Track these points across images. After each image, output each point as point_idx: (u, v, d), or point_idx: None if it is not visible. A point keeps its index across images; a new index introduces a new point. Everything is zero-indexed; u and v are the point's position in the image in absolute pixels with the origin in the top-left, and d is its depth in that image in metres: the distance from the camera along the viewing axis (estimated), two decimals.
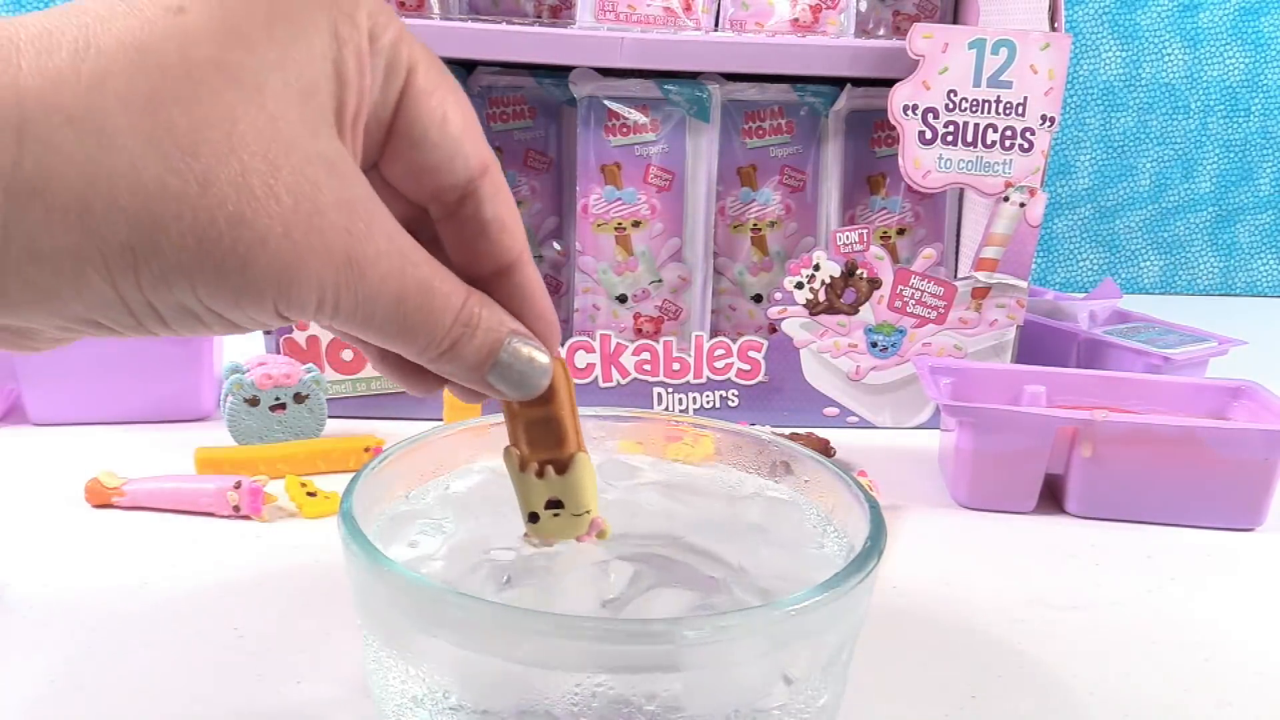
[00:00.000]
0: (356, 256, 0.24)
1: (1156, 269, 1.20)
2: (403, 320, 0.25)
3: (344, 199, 0.23)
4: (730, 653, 0.27)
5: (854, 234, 0.67)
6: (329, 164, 0.23)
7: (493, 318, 0.27)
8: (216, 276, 0.22)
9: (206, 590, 0.44)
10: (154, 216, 0.21)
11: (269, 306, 0.23)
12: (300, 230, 0.22)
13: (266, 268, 0.22)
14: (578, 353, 0.67)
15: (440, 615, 0.27)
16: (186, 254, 0.21)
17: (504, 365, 0.28)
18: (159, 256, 0.21)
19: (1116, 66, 1.14)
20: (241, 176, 0.22)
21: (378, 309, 0.25)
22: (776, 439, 0.39)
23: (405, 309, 0.25)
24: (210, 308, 0.23)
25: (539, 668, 0.27)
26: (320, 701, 0.36)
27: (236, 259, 0.22)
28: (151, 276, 0.22)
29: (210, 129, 0.21)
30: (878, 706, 0.38)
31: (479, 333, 0.27)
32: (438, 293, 0.26)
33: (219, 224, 0.21)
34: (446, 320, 0.26)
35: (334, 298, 0.24)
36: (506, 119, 0.78)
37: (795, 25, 0.74)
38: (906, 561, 0.50)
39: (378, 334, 0.25)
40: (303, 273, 0.23)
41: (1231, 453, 0.53)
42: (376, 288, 0.24)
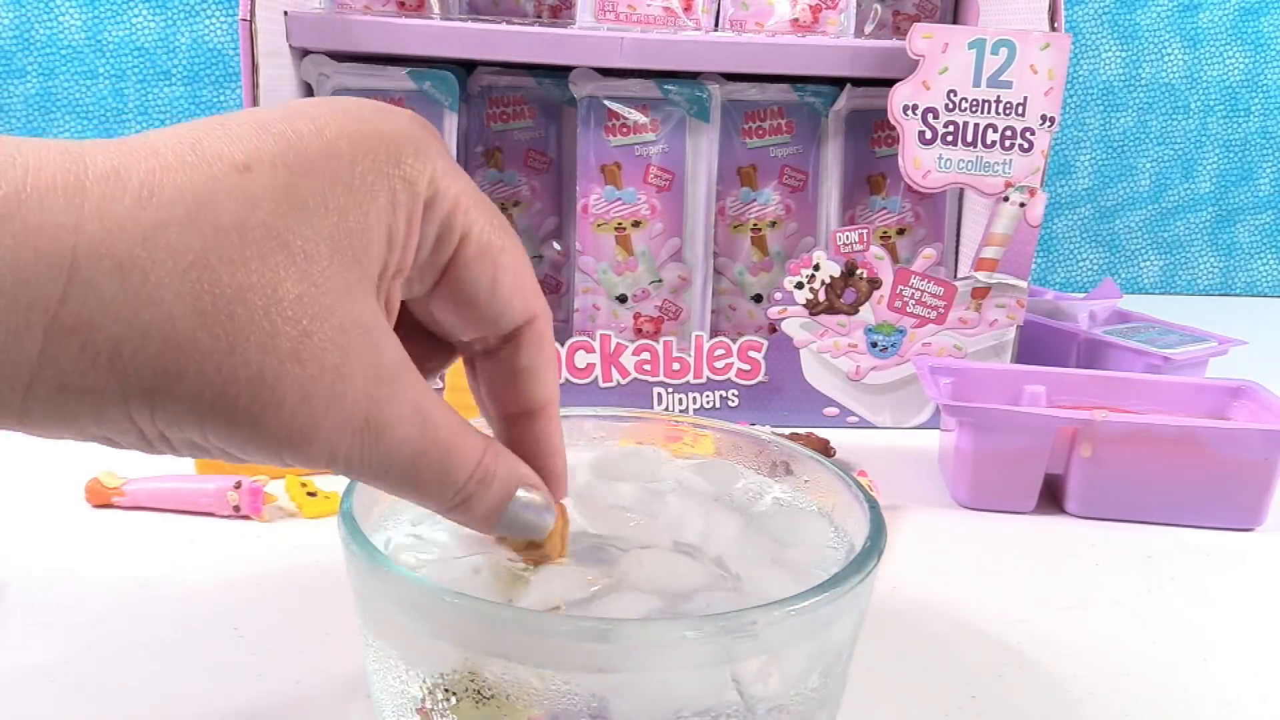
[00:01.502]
0: (375, 421, 0.24)
1: (1156, 269, 1.20)
2: (417, 479, 0.25)
3: (371, 364, 0.24)
4: (730, 653, 0.27)
5: (854, 234, 0.67)
6: (363, 329, 0.24)
7: (505, 471, 0.28)
8: (229, 428, 0.22)
9: (206, 590, 0.44)
10: (179, 368, 0.21)
11: (280, 457, 0.23)
12: (320, 396, 0.23)
13: (278, 428, 0.23)
14: (578, 353, 0.67)
15: (439, 615, 0.27)
16: (202, 405, 0.22)
17: (511, 516, 0.28)
18: (176, 402, 0.22)
19: (1116, 66, 1.14)
20: (270, 339, 0.22)
21: (393, 468, 0.25)
22: (776, 439, 0.39)
23: (420, 469, 0.25)
24: (220, 448, 0.23)
25: (539, 667, 0.27)
26: (320, 701, 0.36)
27: (250, 417, 0.22)
28: (166, 417, 0.22)
29: (251, 293, 0.22)
30: (878, 706, 0.38)
31: (492, 489, 0.27)
32: (456, 454, 0.26)
33: (238, 382, 0.22)
34: (461, 479, 0.26)
35: (346, 457, 0.24)
36: (506, 119, 0.78)
37: (795, 25, 0.74)
38: (906, 561, 0.50)
39: (390, 488, 0.26)
40: (316, 435, 0.23)
41: (1231, 453, 0.53)
42: (392, 450, 0.25)
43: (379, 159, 0.24)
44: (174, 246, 0.21)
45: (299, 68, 0.69)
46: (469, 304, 0.27)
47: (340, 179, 0.23)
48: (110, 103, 1.00)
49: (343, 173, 0.23)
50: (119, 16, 0.99)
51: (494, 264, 0.27)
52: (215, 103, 1.02)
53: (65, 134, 0.99)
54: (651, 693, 0.27)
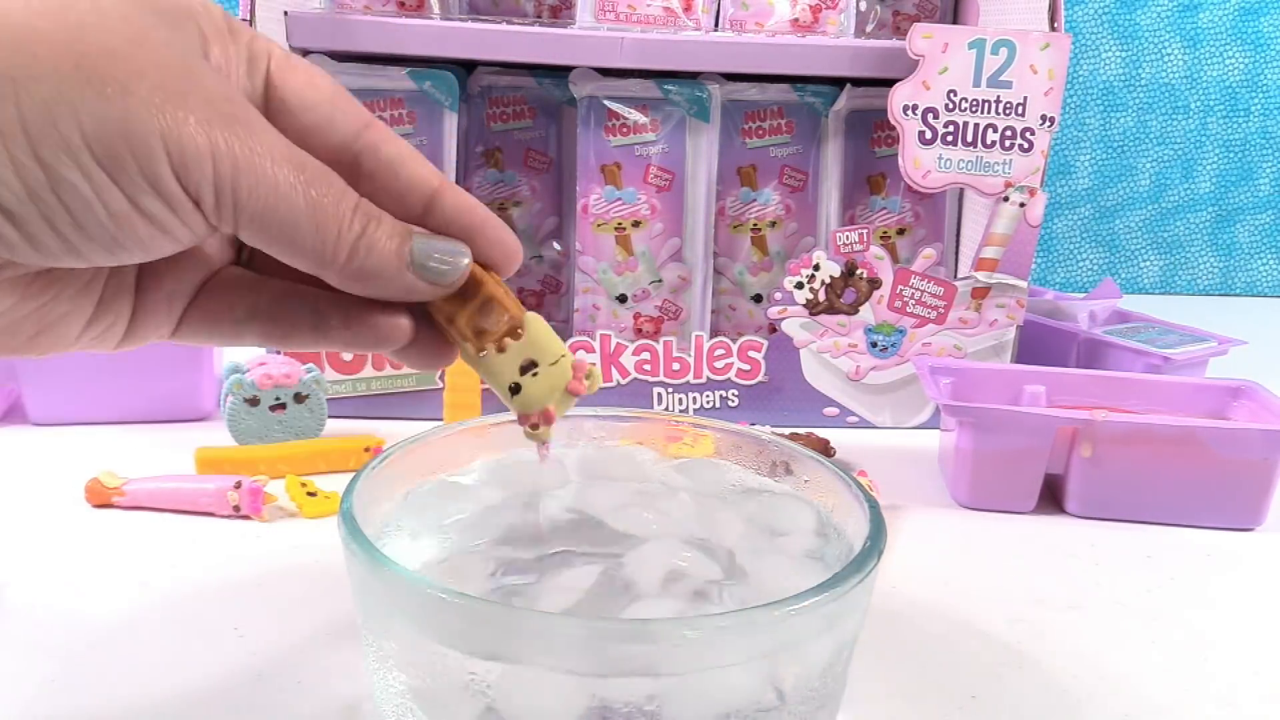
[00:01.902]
0: (243, 118, 0.24)
1: (1156, 269, 1.20)
2: (306, 197, 0.25)
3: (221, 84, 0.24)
4: (729, 653, 0.27)
5: (854, 234, 0.67)
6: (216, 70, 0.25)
7: (394, 221, 0.27)
8: (99, 101, 0.22)
9: (206, 590, 0.44)
10: (28, 48, 0.21)
11: (159, 152, 0.22)
12: (177, 78, 0.23)
13: (148, 94, 0.22)
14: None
15: (440, 615, 0.27)
16: (65, 79, 0.21)
17: (421, 254, 0.27)
18: (38, 82, 0.21)
19: (1116, 66, 1.14)
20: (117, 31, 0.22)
21: (278, 180, 0.24)
22: (776, 439, 0.39)
23: (305, 179, 0.25)
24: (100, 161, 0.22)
25: (539, 668, 0.27)
26: (320, 701, 0.36)
27: (116, 83, 0.22)
28: (33, 109, 0.21)
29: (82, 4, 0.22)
30: (878, 706, 0.38)
31: (385, 224, 0.27)
32: (335, 181, 0.26)
33: (93, 56, 0.22)
34: (349, 204, 0.26)
35: (229, 150, 0.23)
36: (506, 119, 0.78)
37: (795, 25, 0.74)
38: (906, 561, 0.50)
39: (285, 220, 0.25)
40: (187, 109, 0.23)
41: (1231, 453, 0.53)
42: (268, 148, 0.24)
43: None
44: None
45: None
46: (298, 111, 0.27)
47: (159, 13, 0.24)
48: None
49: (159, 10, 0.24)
50: None
51: (306, 72, 0.28)
52: None
53: None
54: (651, 693, 0.27)
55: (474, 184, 0.80)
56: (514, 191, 0.80)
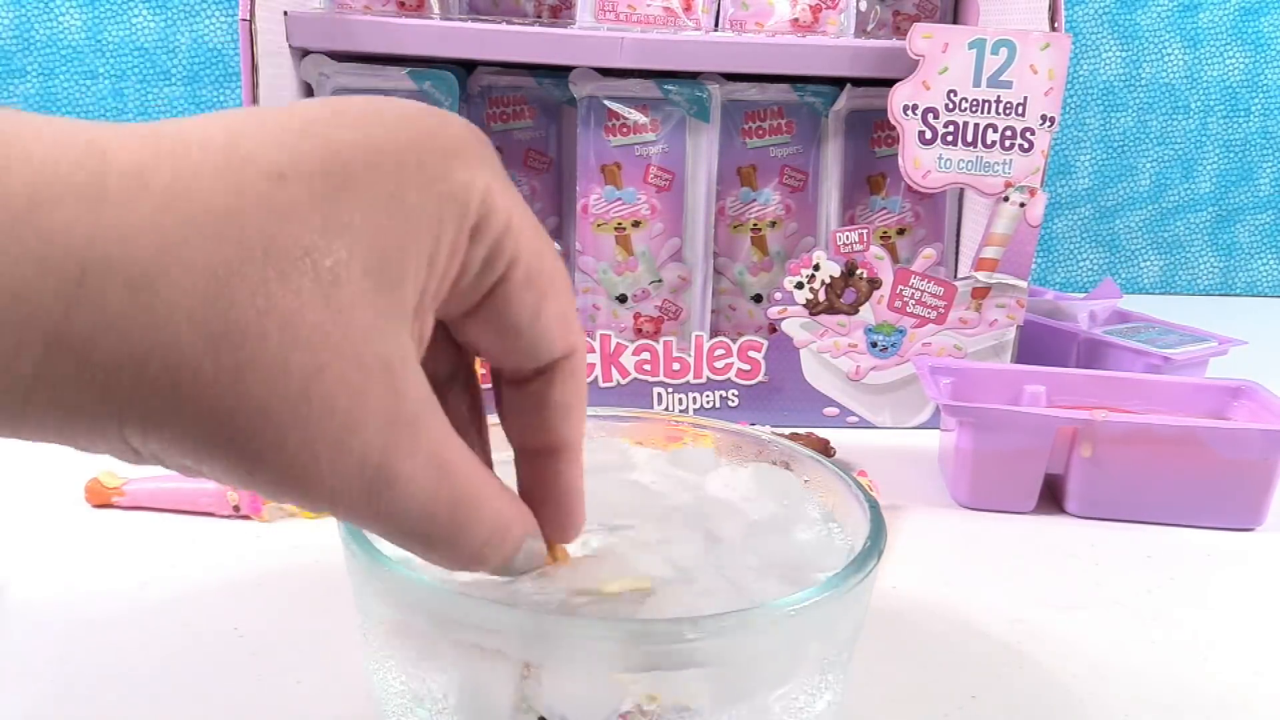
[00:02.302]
0: (386, 471, 0.22)
1: (1156, 269, 1.20)
2: (428, 536, 0.24)
3: (389, 408, 0.22)
4: (731, 653, 0.27)
5: (854, 234, 0.67)
6: (385, 367, 0.21)
7: (520, 523, 0.26)
8: (225, 462, 0.21)
9: (206, 590, 0.44)
10: (178, 397, 0.20)
11: (276, 498, 0.22)
12: (326, 440, 0.21)
13: (278, 469, 0.21)
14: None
15: (440, 615, 0.27)
16: (200, 436, 0.20)
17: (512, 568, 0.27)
18: (171, 430, 0.20)
19: (1116, 66, 1.14)
20: (280, 374, 0.20)
21: (402, 522, 0.23)
22: (776, 439, 0.39)
23: (432, 526, 0.23)
24: (217, 477, 0.22)
25: (539, 667, 0.27)
26: (320, 701, 0.36)
27: (249, 455, 0.21)
28: (161, 441, 0.20)
29: (267, 319, 0.20)
30: (878, 706, 0.38)
31: (507, 545, 0.26)
32: (473, 510, 0.24)
33: (240, 416, 0.20)
34: (478, 539, 0.24)
35: (349, 505, 0.22)
36: (506, 119, 0.78)
37: (795, 25, 0.74)
38: (906, 561, 0.50)
39: (397, 542, 0.24)
40: (319, 480, 0.21)
41: (1231, 453, 0.53)
42: (403, 502, 0.23)
43: (428, 172, 0.22)
44: (191, 263, 0.19)
45: (299, 68, 0.69)
46: (508, 332, 0.25)
47: (382, 194, 0.21)
48: (110, 103, 1.00)
49: (386, 186, 0.21)
50: (119, 16, 0.99)
51: (540, 294, 0.24)
52: (215, 103, 1.02)
53: None
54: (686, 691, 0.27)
55: None
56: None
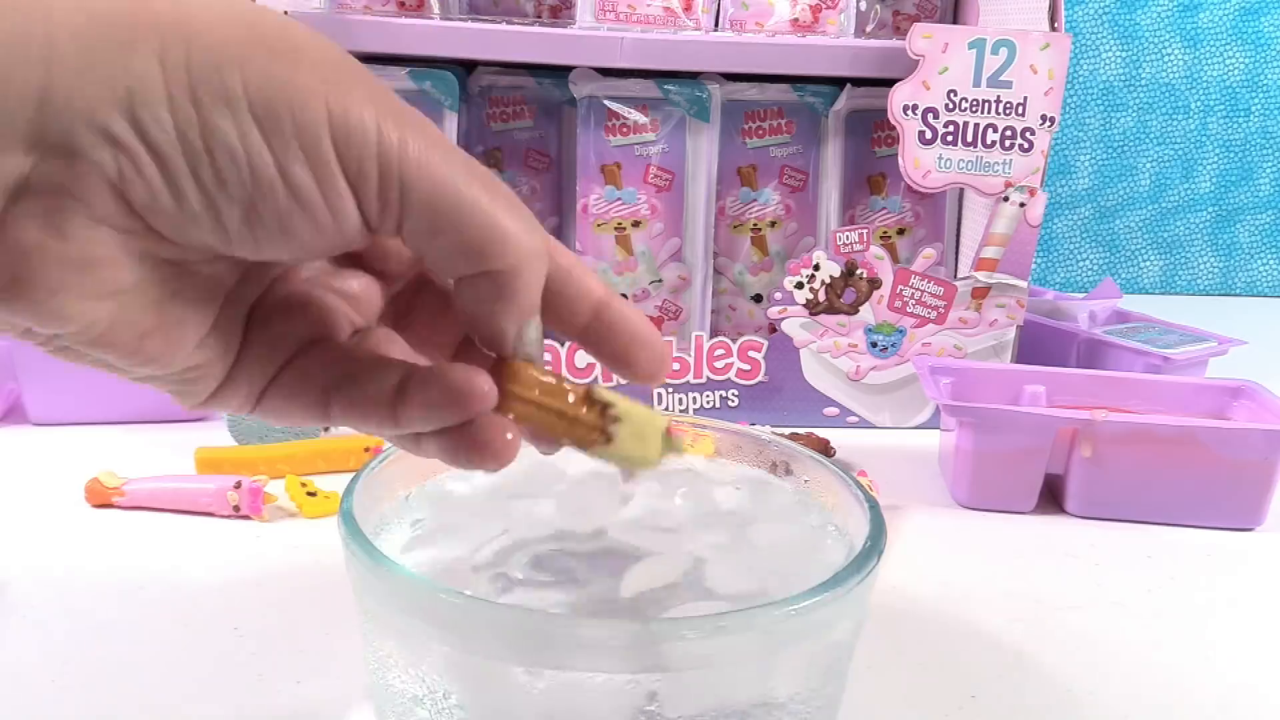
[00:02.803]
0: (414, 118, 0.23)
1: (1156, 269, 1.20)
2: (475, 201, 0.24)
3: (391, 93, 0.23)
4: (730, 653, 0.27)
5: (854, 234, 0.67)
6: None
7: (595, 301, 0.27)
8: (269, 61, 0.21)
9: (206, 590, 0.44)
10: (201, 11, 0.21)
11: (321, 118, 0.22)
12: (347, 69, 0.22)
13: (318, 70, 0.22)
14: (578, 353, 0.67)
15: (440, 615, 0.27)
16: (235, 36, 0.21)
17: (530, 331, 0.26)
18: (210, 31, 0.21)
19: (1116, 66, 1.14)
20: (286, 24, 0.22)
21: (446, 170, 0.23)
22: (776, 439, 0.39)
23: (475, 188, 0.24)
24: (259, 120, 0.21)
25: (538, 668, 0.27)
26: (320, 701, 0.36)
27: (288, 50, 0.22)
28: (202, 51, 0.21)
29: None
30: (878, 707, 0.38)
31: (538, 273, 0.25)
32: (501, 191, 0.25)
33: (265, 26, 0.22)
34: (518, 226, 0.25)
35: (395, 132, 0.22)
36: (506, 119, 0.78)
37: (795, 25, 0.74)
38: (906, 561, 0.50)
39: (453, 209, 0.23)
40: (358, 94, 0.22)
41: (1231, 453, 0.53)
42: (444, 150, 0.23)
43: None
44: None
45: None
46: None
47: None
48: None
49: None
50: None
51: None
52: None
53: None
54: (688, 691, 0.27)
55: None
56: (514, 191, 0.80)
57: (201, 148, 0.21)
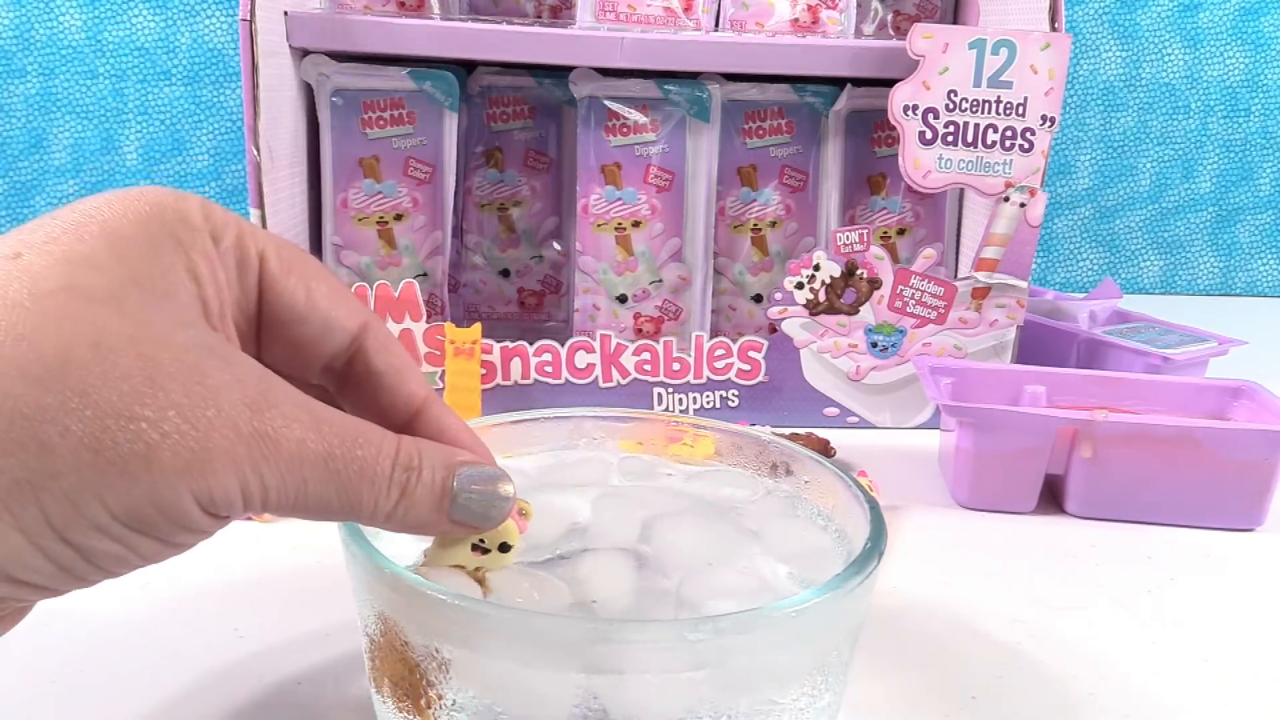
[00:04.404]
0: (264, 429, 0.23)
1: (1156, 269, 1.20)
2: (339, 481, 0.24)
3: (236, 377, 0.23)
4: (730, 654, 0.27)
5: (854, 234, 0.67)
6: (209, 349, 0.23)
7: (432, 449, 0.27)
8: (123, 481, 0.21)
9: (206, 590, 0.44)
10: (39, 441, 0.20)
11: (190, 505, 0.22)
12: (195, 413, 0.22)
13: (172, 459, 0.21)
14: (578, 353, 0.67)
15: (440, 617, 0.27)
16: (85, 468, 0.20)
17: (465, 498, 0.27)
18: (57, 479, 0.20)
19: (1116, 66, 1.14)
20: (122, 379, 0.21)
21: (308, 477, 0.23)
22: (776, 439, 0.39)
23: (336, 467, 0.24)
24: (131, 527, 0.22)
25: (538, 669, 0.27)
26: (320, 702, 0.36)
27: (138, 457, 0.21)
28: (56, 505, 0.20)
29: (77, 345, 0.21)
30: (878, 707, 0.38)
31: (425, 470, 0.26)
32: (366, 439, 0.25)
33: (110, 429, 0.20)
34: (385, 465, 0.25)
35: (256, 477, 0.23)
36: (506, 119, 0.78)
37: (795, 25, 0.74)
38: (907, 562, 0.50)
39: (318, 505, 0.24)
40: (213, 457, 0.22)
41: (1231, 453, 0.53)
42: (297, 454, 0.23)
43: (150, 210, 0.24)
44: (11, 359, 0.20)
45: (299, 68, 0.69)
46: (293, 323, 0.27)
47: (117, 236, 0.23)
48: (110, 103, 1.00)
49: (116, 232, 0.23)
50: (119, 16, 0.99)
51: (302, 276, 0.27)
52: (215, 103, 1.02)
53: (66, 134, 0.99)
54: (652, 694, 0.27)
55: (474, 184, 0.80)
56: (514, 191, 0.80)
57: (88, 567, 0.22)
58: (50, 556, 0.21)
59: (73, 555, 0.21)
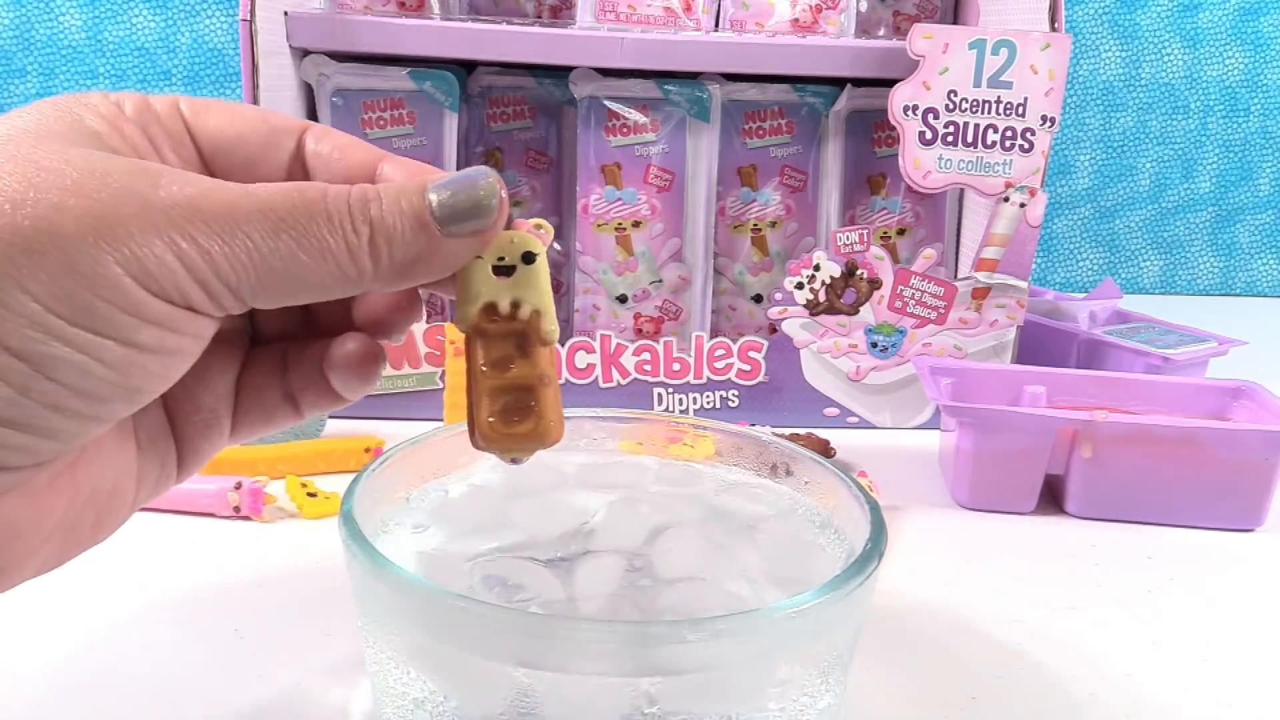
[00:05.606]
0: (177, 195, 0.21)
1: (1156, 269, 1.20)
2: (290, 228, 0.21)
3: (133, 164, 0.21)
4: (731, 655, 0.27)
5: (854, 234, 0.67)
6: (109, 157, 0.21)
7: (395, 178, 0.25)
8: (32, 260, 0.19)
9: (206, 590, 0.44)
10: None
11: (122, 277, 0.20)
12: (93, 186, 0.20)
13: (75, 225, 0.19)
14: (578, 353, 0.67)
15: (440, 617, 0.27)
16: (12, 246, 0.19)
17: (446, 202, 0.23)
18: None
19: (1116, 66, 1.14)
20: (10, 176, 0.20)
21: (252, 233, 0.21)
22: (777, 440, 0.39)
23: (280, 215, 0.21)
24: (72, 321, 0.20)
25: (538, 670, 0.27)
26: (320, 703, 0.36)
27: (42, 234, 0.19)
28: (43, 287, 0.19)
29: None
30: (878, 708, 0.38)
31: (386, 196, 0.23)
32: (308, 187, 0.22)
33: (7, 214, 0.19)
34: (338, 203, 0.22)
35: (188, 241, 0.20)
36: (506, 119, 0.78)
37: (795, 25, 0.74)
38: (907, 562, 0.50)
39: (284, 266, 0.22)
40: (124, 221, 0.20)
41: (1231, 453, 0.53)
42: (227, 212, 0.21)
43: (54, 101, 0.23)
44: None
45: (299, 68, 0.69)
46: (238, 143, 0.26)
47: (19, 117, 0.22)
48: None
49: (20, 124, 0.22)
50: (119, 16, 0.99)
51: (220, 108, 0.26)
52: None
53: None
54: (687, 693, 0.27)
55: None
56: (514, 191, 0.80)
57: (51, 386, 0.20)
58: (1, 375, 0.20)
59: (25, 369, 0.20)
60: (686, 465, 0.40)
